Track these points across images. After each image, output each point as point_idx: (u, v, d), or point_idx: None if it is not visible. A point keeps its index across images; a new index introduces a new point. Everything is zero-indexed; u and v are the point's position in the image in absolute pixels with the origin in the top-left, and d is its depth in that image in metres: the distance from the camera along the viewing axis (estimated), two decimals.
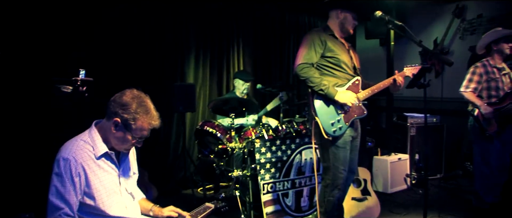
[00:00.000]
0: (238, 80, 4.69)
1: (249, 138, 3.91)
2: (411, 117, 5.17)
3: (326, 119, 2.80)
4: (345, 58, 2.93)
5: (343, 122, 2.83)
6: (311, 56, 2.85)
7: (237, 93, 4.73)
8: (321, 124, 2.77)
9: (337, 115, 2.83)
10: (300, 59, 2.84)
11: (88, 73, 2.36)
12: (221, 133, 4.02)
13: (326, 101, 2.83)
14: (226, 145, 3.94)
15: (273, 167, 3.55)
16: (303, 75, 2.80)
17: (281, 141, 3.62)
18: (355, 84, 2.94)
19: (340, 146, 2.86)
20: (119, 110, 1.88)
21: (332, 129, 2.79)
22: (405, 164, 4.88)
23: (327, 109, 2.83)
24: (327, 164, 2.92)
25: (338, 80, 2.91)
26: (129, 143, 1.95)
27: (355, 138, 3.02)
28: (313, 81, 2.79)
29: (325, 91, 2.77)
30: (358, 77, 2.97)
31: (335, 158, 2.87)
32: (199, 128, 4.15)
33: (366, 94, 2.93)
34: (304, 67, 2.81)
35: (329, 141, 2.83)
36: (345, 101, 2.81)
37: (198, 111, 5.27)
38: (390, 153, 4.88)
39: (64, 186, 1.82)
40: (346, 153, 2.90)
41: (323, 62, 2.90)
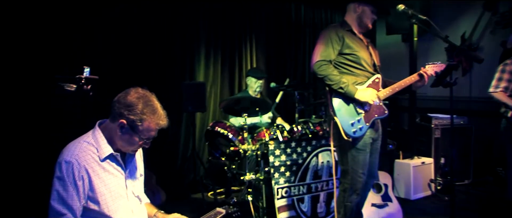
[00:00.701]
0: (250, 78, 4.68)
1: (263, 140, 3.89)
2: (436, 118, 5.10)
3: (345, 119, 2.79)
4: (364, 55, 2.92)
5: (364, 122, 2.81)
6: (328, 53, 2.84)
7: (249, 92, 4.72)
8: (340, 124, 2.76)
9: (357, 114, 2.82)
10: (317, 56, 2.84)
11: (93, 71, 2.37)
12: (233, 134, 4.02)
13: (346, 100, 2.82)
14: (238, 147, 3.94)
15: (288, 171, 3.53)
16: (321, 73, 2.79)
17: (296, 143, 3.60)
18: (375, 82, 2.92)
19: (360, 148, 2.84)
20: (125, 111, 1.87)
21: (352, 130, 2.77)
22: (429, 169, 4.82)
23: (347, 108, 2.82)
24: (345, 167, 2.91)
25: (357, 79, 2.89)
26: (136, 145, 1.95)
27: (376, 140, 2.99)
28: (332, 79, 2.78)
29: (344, 89, 2.76)
30: (378, 75, 2.95)
31: (354, 161, 2.85)
32: (209, 129, 4.16)
33: (387, 92, 2.91)
34: (322, 64, 2.80)
35: (348, 143, 2.82)
36: (366, 99, 2.79)
37: (209, 111, 5.27)
38: (413, 156, 4.83)
39: (67, 191, 1.82)
40: (366, 156, 2.88)
41: (341, 60, 2.89)
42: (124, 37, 4.51)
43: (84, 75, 2.30)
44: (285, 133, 3.96)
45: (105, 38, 4.35)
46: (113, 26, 4.42)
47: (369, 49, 2.99)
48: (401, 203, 3.95)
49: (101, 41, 4.32)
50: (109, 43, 4.39)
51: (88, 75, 2.31)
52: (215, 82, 5.34)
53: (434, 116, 5.18)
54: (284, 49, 6.06)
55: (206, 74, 5.25)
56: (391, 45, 6.63)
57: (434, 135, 5.05)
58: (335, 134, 2.88)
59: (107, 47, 4.37)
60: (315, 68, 2.82)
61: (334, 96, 2.83)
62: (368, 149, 2.89)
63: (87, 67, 2.32)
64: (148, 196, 2.28)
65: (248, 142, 3.93)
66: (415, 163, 4.66)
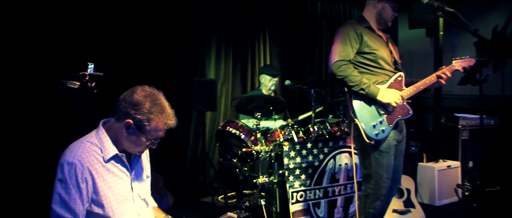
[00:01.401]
0: (264, 76, 4.67)
1: (277, 141, 3.89)
2: (463, 119, 5.03)
3: (367, 121, 2.78)
4: (384, 53, 2.91)
5: (386, 124, 2.80)
6: (347, 52, 2.84)
7: (263, 90, 4.71)
8: (361, 127, 2.75)
9: (379, 116, 2.81)
10: (336, 56, 2.83)
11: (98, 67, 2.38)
12: (245, 135, 4.02)
13: (367, 101, 2.81)
14: (250, 148, 3.93)
15: (304, 173, 3.52)
16: (340, 74, 2.79)
17: (312, 144, 3.58)
18: (397, 81, 2.90)
19: (384, 151, 2.83)
20: (131, 111, 1.87)
21: (374, 132, 2.76)
22: (455, 173, 4.75)
23: (368, 109, 2.81)
24: (368, 171, 2.89)
25: (378, 78, 2.88)
26: (144, 146, 1.95)
27: (400, 142, 2.97)
28: (353, 79, 2.77)
29: (366, 91, 2.75)
30: (401, 73, 2.93)
31: (377, 164, 2.84)
32: (220, 129, 4.16)
33: (411, 91, 2.88)
34: (341, 64, 2.79)
35: (371, 146, 2.81)
36: (389, 100, 2.78)
37: (220, 110, 5.28)
38: (438, 159, 4.77)
39: (69, 194, 1.82)
40: (390, 159, 2.86)
41: (359, 59, 2.88)
42: (131, 31, 4.53)
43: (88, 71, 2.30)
44: (301, 134, 3.94)
45: (111, 33, 4.38)
46: (120, 20, 4.44)
47: (389, 46, 2.97)
48: (425, 209, 3.91)
49: (107, 36, 4.35)
50: (115, 38, 4.41)
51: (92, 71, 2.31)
52: (226, 80, 5.35)
53: (461, 116, 5.11)
54: (299, 45, 6.03)
55: (217, 71, 5.26)
56: (414, 40, 6.55)
57: (461, 137, 4.97)
58: (356, 137, 2.87)
59: (113, 42, 4.40)
60: (333, 68, 2.81)
61: (354, 98, 2.82)
62: (392, 151, 2.86)
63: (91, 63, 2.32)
64: (155, 199, 2.29)
65: (261, 143, 3.93)
66: (440, 167, 4.60)
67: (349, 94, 2.84)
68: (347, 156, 3.71)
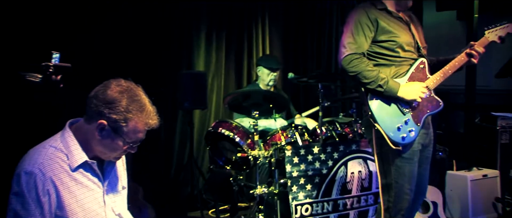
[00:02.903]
0: (262, 68, 4.67)
1: (278, 144, 3.88)
2: (503, 118, 5.00)
3: (389, 123, 2.76)
4: (406, 38, 2.89)
5: (413, 123, 2.79)
6: (360, 44, 2.82)
7: (261, 85, 4.71)
8: (383, 132, 2.74)
9: (403, 115, 2.80)
10: (346, 49, 2.82)
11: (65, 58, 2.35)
12: (240, 137, 4.02)
13: (386, 99, 2.81)
14: (247, 153, 3.94)
15: (309, 183, 3.52)
16: (352, 70, 2.78)
17: (320, 148, 3.58)
18: (419, 69, 2.89)
19: (406, 157, 2.82)
20: (105, 110, 1.86)
21: (400, 135, 2.74)
22: (493, 184, 4.71)
23: (389, 109, 2.80)
24: (388, 181, 2.88)
25: (399, 69, 2.88)
26: (120, 151, 1.94)
27: (427, 146, 2.96)
28: (367, 75, 2.76)
29: (384, 88, 2.75)
30: (423, 59, 2.92)
31: (399, 173, 2.83)
32: (211, 130, 4.17)
33: (438, 79, 2.87)
34: (352, 58, 2.78)
35: (391, 151, 2.79)
36: (412, 97, 2.77)
37: (210, 108, 5.28)
38: (471, 167, 4.74)
39: (27, 209, 1.80)
40: (414, 167, 2.85)
41: (376, 49, 2.87)
42: (105, 15, 4.50)
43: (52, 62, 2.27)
44: (306, 136, 3.94)
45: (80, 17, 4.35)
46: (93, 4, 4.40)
47: (411, 29, 2.96)
48: None
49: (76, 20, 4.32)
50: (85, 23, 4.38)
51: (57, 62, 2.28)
52: (218, 72, 5.34)
53: (500, 115, 5.06)
54: (304, 32, 6.03)
55: (207, 62, 5.25)
56: (443, 25, 6.54)
57: (500, 140, 4.94)
58: (377, 142, 2.86)
59: (83, 27, 4.37)
60: (344, 64, 2.80)
61: (371, 97, 2.81)
62: (417, 158, 2.86)
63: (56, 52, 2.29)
64: (133, 213, 2.27)
65: (259, 146, 3.92)
66: (474, 176, 4.57)
67: (365, 92, 2.83)
68: (361, 163, 3.72)
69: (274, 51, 5.76)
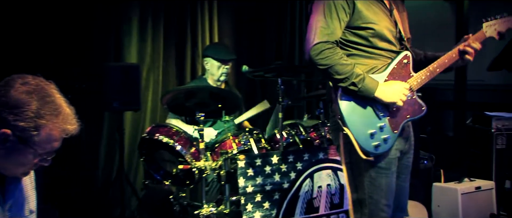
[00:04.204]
0: (211, 60, 4.69)
1: (229, 153, 3.89)
2: (498, 119, 5.14)
3: (361, 128, 2.77)
4: (386, 27, 2.91)
5: (390, 130, 2.82)
6: (333, 29, 2.81)
7: (209, 80, 4.75)
8: (354, 139, 2.73)
9: (379, 119, 2.81)
10: (316, 35, 2.78)
11: None
12: (182, 145, 4.03)
13: (360, 100, 2.81)
14: (190, 165, 3.95)
15: (267, 200, 3.56)
16: (323, 62, 2.75)
17: (280, 157, 3.63)
18: (402, 65, 2.92)
19: (382, 166, 2.85)
20: (8, 116, 1.80)
21: (372, 144, 2.76)
22: (488, 197, 4.83)
23: (362, 111, 2.81)
24: (360, 196, 2.92)
25: (377, 63, 2.90)
26: (29, 165, 1.92)
27: (406, 153, 3.03)
28: (341, 70, 2.74)
29: (359, 86, 2.74)
30: (407, 53, 2.95)
31: (373, 186, 2.86)
32: (146, 137, 4.16)
33: (423, 78, 2.92)
34: (324, 48, 2.75)
35: (364, 159, 2.82)
36: (391, 98, 2.79)
37: (145, 109, 5.29)
38: (462, 178, 4.83)
39: None
40: (391, 178, 2.89)
41: (350, 37, 2.88)
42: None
43: None
44: (263, 142, 4.00)
45: None
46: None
47: (393, 16, 2.98)
48: None
49: None
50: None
51: None
52: (154, 65, 5.36)
53: (495, 115, 5.19)
54: (262, 17, 6.08)
55: (140, 53, 5.26)
56: (429, 7, 6.68)
57: (495, 145, 5.07)
58: (346, 148, 2.88)
59: None
60: (313, 54, 2.76)
61: (342, 96, 2.79)
62: (394, 167, 2.90)
63: None
64: None
65: (206, 156, 3.96)
66: (465, 189, 4.66)
67: (335, 90, 2.82)
68: (330, 175, 3.78)
69: (225, 39, 5.81)
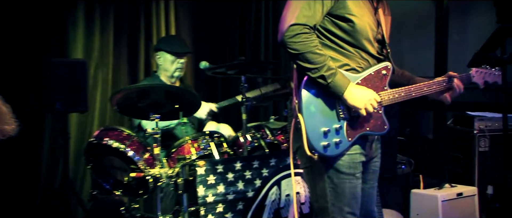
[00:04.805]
0: (164, 54, 4.72)
1: (187, 159, 3.93)
2: (481, 119, 5.25)
3: (317, 122, 2.80)
4: (368, 24, 2.94)
5: (344, 135, 2.85)
6: (314, 13, 2.81)
7: (162, 77, 4.78)
8: (304, 129, 2.77)
9: (338, 121, 2.84)
10: (294, 16, 2.78)
11: None
12: (134, 150, 4.03)
13: (323, 95, 2.84)
14: (143, 172, 3.95)
15: (230, 211, 3.59)
16: (295, 47, 2.75)
17: (244, 163, 3.66)
18: (379, 75, 2.96)
19: (344, 171, 2.87)
20: None
21: (321, 143, 2.78)
22: (471, 204, 4.92)
23: (323, 106, 2.84)
24: (321, 203, 2.94)
25: (349, 61, 2.93)
26: None
27: (372, 157, 3.07)
28: (313, 59, 2.75)
29: (329, 80, 2.75)
30: (388, 64, 2.99)
31: (336, 193, 2.88)
32: (94, 141, 4.14)
33: (396, 97, 2.97)
34: (301, 31, 2.75)
35: (324, 163, 2.86)
36: (357, 105, 2.81)
37: (93, 110, 5.28)
38: (443, 184, 4.92)
39: None
40: (356, 184, 2.92)
41: (329, 26, 2.90)
42: None
43: None
44: (225, 146, 4.02)
45: None
46: None
47: (377, 14, 3.03)
48: None
49: None
50: None
51: None
52: (103, 61, 5.35)
53: (478, 115, 5.31)
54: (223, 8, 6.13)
55: (87, 47, 5.25)
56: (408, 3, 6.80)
57: (478, 148, 5.17)
58: (303, 149, 2.84)
59: None
60: (287, 35, 2.75)
61: (306, 85, 2.81)
62: (359, 172, 2.92)
63: None
64: None
65: (161, 163, 3.97)
66: (446, 195, 4.75)
67: (298, 76, 2.85)
68: (300, 182, 3.81)
69: (182, 33, 5.84)
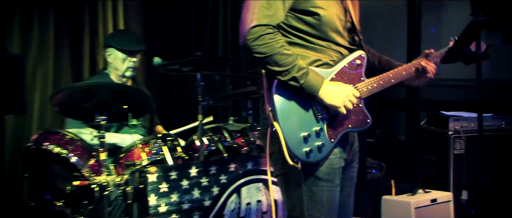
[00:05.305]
0: (115, 51, 4.70)
1: (137, 165, 3.95)
2: (456, 119, 5.32)
3: (294, 128, 2.81)
4: (336, 15, 2.97)
5: (326, 138, 2.87)
6: (275, 11, 2.85)
7: (112, 75, 4.77)
8: (283, 137, 2.77)
9: (317, 122, 2.86)
10: (255, 16, 2.80)
11: None
12: (78, 156, 4.02)
13: (298, 97, 2.85)
14: (88, 180, 3.94)
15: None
16: (261, 50, 2.77)
17: (200, 169, 3.67)
18: (354, 66, 3.00)
19: (322, 178, 2.90)
20: None
21: (303, 149, 2.79)
22: (445, 211, 5.00)
23: (299, 110, 2.85)
24: (296, 213, 2.96)
25: (321, 56, 2.96)
26: None
27: (351, 162, 3.11)
28: (282, 61, 2.77)
29: (301, 81, 2.77)
30: (361, 53, 3.03)
31: (313, 201, 2.91)
32: (32, 146, 4.12)
33: (375, 86, 3.00)
34: (264, 32, 2.77)
35: (300, 170, 2.87)
36: (335, 103, 2.83)
37: (32, 111, 5.24)
38: (416, 189, 4.98)
39: None
40: (334, 192, 2.95)
41: (293, 22, 2.93)
42: None
43: None
44: (179, 151, 4.03)
45: None
46: None
47: (344, 2, 3.06)
48: None
49: None
50: None
51: None
52: (43, 57, 5.32)
53: (453, 115, 5.38)
54: None
55: (25, 43, 5.21)
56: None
57: (453, 150, 5.25)
58: (276, 154, 2.91)
59: None
60: (249, 39, 2.77)
61: (277, 90, 2.82)
62: (338, 179, 2.95)
63: None
64: None
65: (108, 170, 3.95)
66: (419, 202, 4.82)
67: (268, 81, 2.86)
68: (261, 189, 3.84)
69: (132, 27, 5.84)
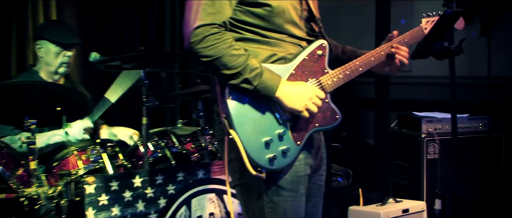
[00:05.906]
0: (47, 44, 4.68)
1: (72, 174, 3.93)
2: (429, 121, 5.40)
3: (253, 134, 2.83)
4: (291, 2, 2.99)
5: (291, 141, 2.88)
6: (220, 8, 2.86)
7: (42, 72, 4.74)
8: (242, 145, 2.76)
9: (278, 125, 2.87)
10: (197, 16, 2.81)
11: None
12: (4, 165, 4.00)
13: (255, 99, 2.86)
14: (16, 193, 3.91)
15: None
16: (207, 53, 2.77)
17: (145, 178, 3.68)
18: (315, 57, 3.01)
19: (285, 187, 2.92)
20: None
21: (266, 155, 2.81)
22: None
23: (257, 113, 2.86)
24: None
25: (276, 50, 2.97)
26: None
27: (317, 169, 3.13)
28: (231, 63, 2.77)
29: (255, 84, 2.79)
30: (323, 42, 3.04)
31: (275, 213, 2.92)
32: None
33: (340, 77, 3.02)
34: (209, 32, 2.77)
35: (261, 180, 2.87)
36: (296, 106, 2.84)
37: None
38: (386, 199, 5.03)
39: None
40: (299, 202, 2.98)
41: (242, 16, 2.94)
42: None
43: None
44: (120, 159, 4.03)
45: None
46: None
47: None
48: None
49: None
50: None
51: None
52: None
53: (425, 116, 5.47)
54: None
55: None
56: None
57: (426, 155, 5.32)
58: (235, 162, 2.92)
59: None
60: (193, 41, 2.78)
61: (231, 94, 2.83)
62: (303, 188, 2.98)
63: None
64: None
65: (38, 180, 3.91)
66: (390, 212, 4.86)
67: (221, 86, 2.86)
68: (214, 200, 3.85)
69: (66, 16, 5.82)
